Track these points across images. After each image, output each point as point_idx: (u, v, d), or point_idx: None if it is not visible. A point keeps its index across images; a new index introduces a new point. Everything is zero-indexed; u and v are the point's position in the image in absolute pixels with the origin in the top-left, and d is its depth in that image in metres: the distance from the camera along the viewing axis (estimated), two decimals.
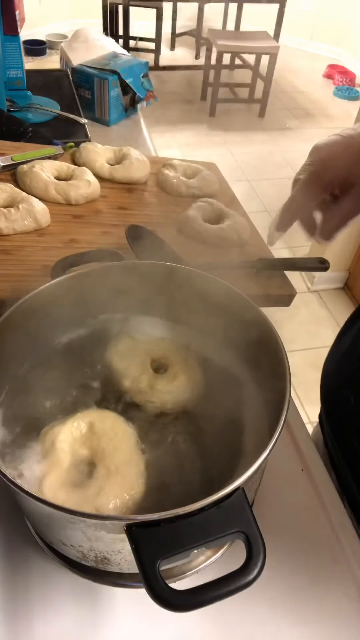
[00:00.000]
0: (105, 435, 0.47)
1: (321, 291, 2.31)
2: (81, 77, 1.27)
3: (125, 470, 0.44)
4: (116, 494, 0.43)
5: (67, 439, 0.46)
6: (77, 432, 0.47)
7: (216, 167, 1.04)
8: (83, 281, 0.56)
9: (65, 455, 0.45)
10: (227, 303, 0.54)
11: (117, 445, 0.46)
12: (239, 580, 0.33)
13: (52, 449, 0.45)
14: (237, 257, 0.77)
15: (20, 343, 0.52)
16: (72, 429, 0.47)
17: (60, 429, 0.46)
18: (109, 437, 0.47)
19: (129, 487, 0.43)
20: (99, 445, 0.46)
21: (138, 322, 0.60)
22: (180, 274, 0.57)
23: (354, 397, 0.62)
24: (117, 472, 0.44)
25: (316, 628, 0.48)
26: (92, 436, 0.47)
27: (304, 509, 0.56)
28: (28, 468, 0.45)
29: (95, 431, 0.47)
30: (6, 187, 0.80)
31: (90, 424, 0.48)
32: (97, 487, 0.43)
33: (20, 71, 1.17)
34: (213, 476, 0.46)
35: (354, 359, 0.65)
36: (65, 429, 0.47)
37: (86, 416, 0.48)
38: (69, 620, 0.46)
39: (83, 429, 0.47)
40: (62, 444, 0.46)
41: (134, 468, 0.45)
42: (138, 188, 0.93)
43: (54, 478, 0.43)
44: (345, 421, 0.64)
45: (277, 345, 0.48)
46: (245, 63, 3.97)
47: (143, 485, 0.44)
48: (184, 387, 0.53)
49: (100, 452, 0.46)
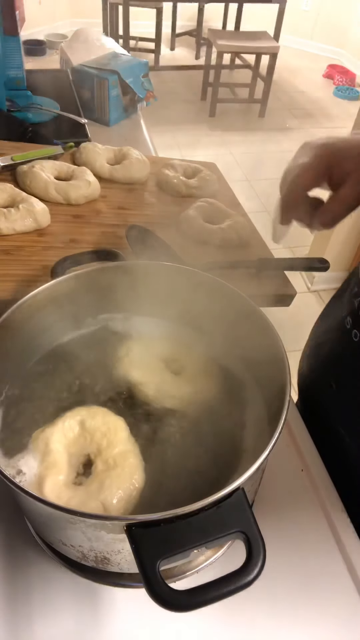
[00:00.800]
0: (97, 430, 0.47)
1: (321, 291, 2.31)
2: (81, 77, 1.27)
3: (123, 462, 0.45)
4: (118, 486, 0.43)
5: (61, 440, 0.46)
6: (69, 431, 0.47)
7: (216, 167, 1.04)
8: (83, 281, 0.56)
9: (61, 456, 0.45)
10: (227, 303, 0.54)
11: (111, 438, 0.46)
12: (239, 580, 0.33)
13: (47, 450, 0.45)
14: (237, 257, 0.77)
15: (20, 343, 0.52)
16: (64, 429, 0.47)
17: (52, 431, 0.46)
18: (102, 432, 0.47)
19: (130, 477, 0.44)
20: (93, 441, 0.47)
21: (138, 322, 0.60)
22: (180, 274, 0.57)
23: (334, 382, 0.62)
24: (116, 465, 0.44)
25: (316, 628, 0.48)
26: (84, 433, 0.47)
27: (304, 509, 0.56)
28: (28, 468, 0.45)
29: (87, 428, 0.47)
30: (6, 187, 0.80)
31: (81, 421, 0.48)
32: (98, 483, 0.43)
33: (20, 71, 1.17)
34: (213, 476, 0.46)
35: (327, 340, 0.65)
36: (56, 430, 0.47)
37: (76, 414, 0.48)
38: (69, 620, 0.46)
39: (75, 427, 0.47)
40: (56, 445, 0.46)
41: (131, 458, 0.45)
42: (138, 188, 0.93)
43: (54, 480, 0.43)
44: (323, 409, 0.65)
45: (277, 345, 0.48)
46: (245, 63, 3.97)
47: (143, 473, 0.45)
48: (206, 387, 0.53)
49: (96, 447, 0.46)
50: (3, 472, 0.37)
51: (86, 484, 0.44)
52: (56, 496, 0.42)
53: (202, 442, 0.49)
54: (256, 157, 3.29)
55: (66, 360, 0.56)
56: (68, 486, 0.44)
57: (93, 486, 0.43)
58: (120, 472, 0.44)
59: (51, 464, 0.44)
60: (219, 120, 3.72)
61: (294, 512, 0.56)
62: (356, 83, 4.50)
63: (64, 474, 0.44)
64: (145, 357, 0.55)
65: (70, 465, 0.46)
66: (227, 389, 0.54)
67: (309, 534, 0.54)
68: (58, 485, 0.43)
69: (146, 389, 0.52)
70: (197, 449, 0.48)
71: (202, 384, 0.54)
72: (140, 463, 0.46)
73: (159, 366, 0.55)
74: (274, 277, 0.76)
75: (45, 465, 0.44)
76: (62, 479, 0.44)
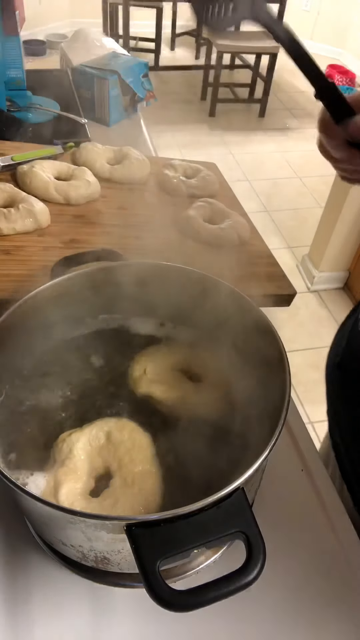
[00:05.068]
0: (122, 445, 0.46)
1: (321, 291, 2.31)
2: (81, 77, 1.27)
3: (142, 483, 0.44)
4: (132, 506, 0.42)
5: (85, 447, 0.46)
6: (95, 441, 0.46)
7: (216, 167, 1.04)
8: (83, 281, 0.56)
9: (82, 464, 0.45)
10: (228, 303, 0.54)
11: (134, 456, 0.45)
12: (239, 580, 0.33)
13: (70, 455, 0.45)
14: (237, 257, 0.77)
15: (20, 343, 0.52)
16: (90, 438, 0.46)
17: (79, 437, 0.46)
18: (126, 448, 0.46)
19: (145, 499, 0.43)
20: (116, 454, 0.46)
21: (138, 322, 0.60)
22: (180, 274, 0.57)
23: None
24: (134, 484, 0.43)
25: (316, 628, 0.48)
26: (109, 445, 0.46)
27: (304, 509, 0.56)
28: (28, 468, 0.45)
29: (113, 440, 0.46)
30: (6, 187, 0.80)
31: (108, 433, 0.47)
32: (113, 499, 0.43)
33: (20, 71, 1.17)
34: (213, 477, 0.46)
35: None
36: (83, 437, 0.46)
37: (104, 425, 0.47)
38: (69, 620, 0.46)
39: (101, 438, 0.47)
40: (80, 452, 0.45)
41: (151, 480, 0.44)
42: (138, 188, 0.93)
43: (71, 487, 0.43)
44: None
45: (277, 345, 0.48)
46: (245, 63, 3.97)
47: (160, 498, 0.44)
48: (228, 391, 0.53)
49: (117, 462, 0.45)
50: (3, 473, 0.37)
51: (101, 497, 0.43)
52: (70, 504, 0.42)
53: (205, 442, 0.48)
54: (256, 157, 3.29)
55: (66, 361, 0.55)
56: (83, 496, 0.43)
57: (108, 501, 0.43)
58: (137, 493, 0.43)
59: (71, 469, 0.44)
60: (219, 120, 3.71)
61: (294, 512, 0.56)
62: (356, 83, 4.50)
63: (81, 482, 0.44)
64: (163, 371, 0.54)
65: (89, 475, 0.45)
66: (227, 389, 0.54)
67: (309, 534, 0.54)
68: (74, 493, 0.43)
69: (173, 403, 0.51)
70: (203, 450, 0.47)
71: (224, 388, 0.53)
72: (160, 487, 0.44)
73: (178, 377, 0.54)
74: (274, 277, 0.75)
75: (65, 471, 0.44)
76: (78, 487, 0.43)
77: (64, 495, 0.42)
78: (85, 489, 0.44)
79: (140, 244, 0.78)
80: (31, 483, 0.45)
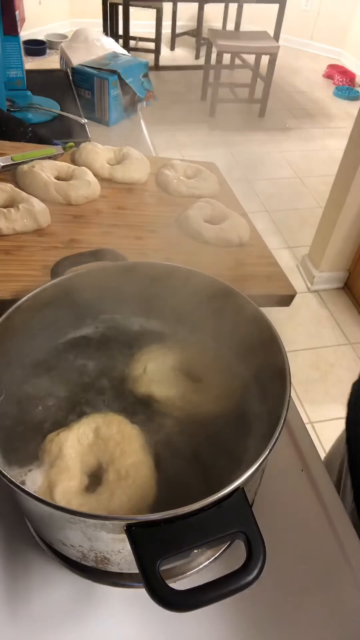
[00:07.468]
0: (111, 439, 0.46)
1: (321, 291, 2.31)
2: (81, 77, 1.27)
3: (136, 473, 0.44)
4: (129, 497, 0.42)
5: (74, 446, 0.46)
6: (83, 438, 0.46)
7: (216, 167, 1.04)
8: (83, 281, 0.56)
9: (74, 463, 0.45)
10: (228, 303, 0.54)
11: (124, 448, 0.46)
12: (239, 580, 0.33)
13: (60, 455, 0.45)
14: (237, 257, 0.77)
15: (20, 343, 0.52)
16: (79, 436, 0.46)
17: (67, 436, 0.46)
18: (115, 441, 0.46)
19: (141, 489, 0.43)
20: (107, 449, 0.46)
21: (138, 322, 0.60)
22: (180, 274, 0.57)
23: None
24: (128, 476, 0.44)
25: (316, 628, 0.48)
26: (98, 441, 0.47)
27: (304, 509, 0.56)
28: (29, 468, 0.45)
29: (102, 436, 0.47)
30: (6, 187, 0.80)
31: (96, 429, 0.47)
32: (109, 492, 0.43)
33: (20, 71, 1.17)
34: (213, 476, 0.46)
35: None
36: (71, 436, 0.46)
37: (92, 421, 0.48)
38: (69, 620, 0.46)
39: (89, 434, 0.47)
40: (70, 451, 0.45)
41: (144, 470, 0.45)
42: (138, 188, 0.93)
43: (66, 485, 0.43)
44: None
45: (277, 345, 0.48)
46: (245, 63, 3.97)
47: (155, 487, 0.44)
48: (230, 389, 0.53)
49: (109, 456, 0.46)
50: (3, 473, 0.37)
51: (97, 493, 0.43)
52: (66, 502, 0.42)
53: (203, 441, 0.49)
54: (256, 157, 3.29)
55: (66, 361, 0.56)
56: (79, 493, 0.43)
57: (104, 495, 0.43)
58: (131, 484, 0.43)
59: (63, 469, 0.44)
60: (219, 120, 3.72)
61: (294, 512, 0.56)
62: (356, 83, 4.50)
63: (75, 480, 0.44)
64: (162, 370, 0.54)
65: (82, 472, 0.45)
66: (227, 389, 0.54)
67: (309, 534, 0.54)
68: (69, 492, 0.43)
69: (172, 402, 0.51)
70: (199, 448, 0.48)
71: (224, 388, 0.53)
72: (153, 475, 0.45)
73: (178, 376, 0.54)
74: (274, 277, 0.75)
75: (57, 470, 0.44)
76: (73, 485, 0.43)
77: (60, 494, 0.42)
78: (79, 486, 0.44)
79: (140, 244, 0.78)
80: (29, 481, 0.44)
